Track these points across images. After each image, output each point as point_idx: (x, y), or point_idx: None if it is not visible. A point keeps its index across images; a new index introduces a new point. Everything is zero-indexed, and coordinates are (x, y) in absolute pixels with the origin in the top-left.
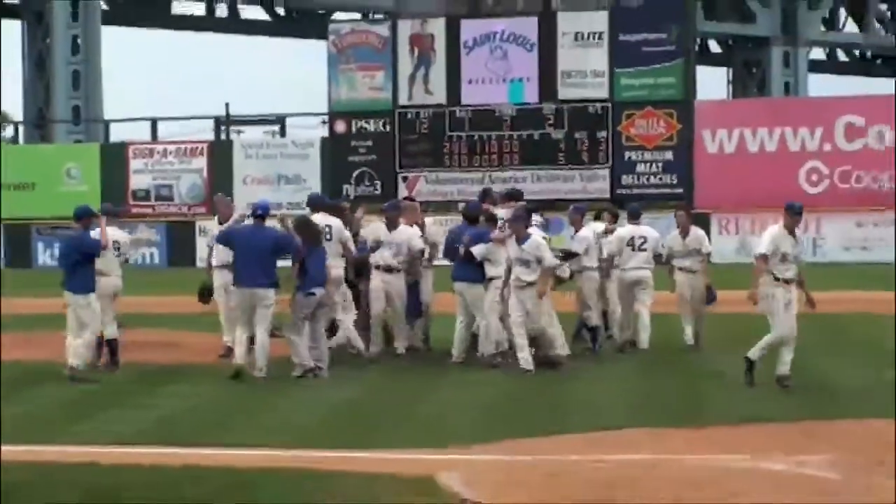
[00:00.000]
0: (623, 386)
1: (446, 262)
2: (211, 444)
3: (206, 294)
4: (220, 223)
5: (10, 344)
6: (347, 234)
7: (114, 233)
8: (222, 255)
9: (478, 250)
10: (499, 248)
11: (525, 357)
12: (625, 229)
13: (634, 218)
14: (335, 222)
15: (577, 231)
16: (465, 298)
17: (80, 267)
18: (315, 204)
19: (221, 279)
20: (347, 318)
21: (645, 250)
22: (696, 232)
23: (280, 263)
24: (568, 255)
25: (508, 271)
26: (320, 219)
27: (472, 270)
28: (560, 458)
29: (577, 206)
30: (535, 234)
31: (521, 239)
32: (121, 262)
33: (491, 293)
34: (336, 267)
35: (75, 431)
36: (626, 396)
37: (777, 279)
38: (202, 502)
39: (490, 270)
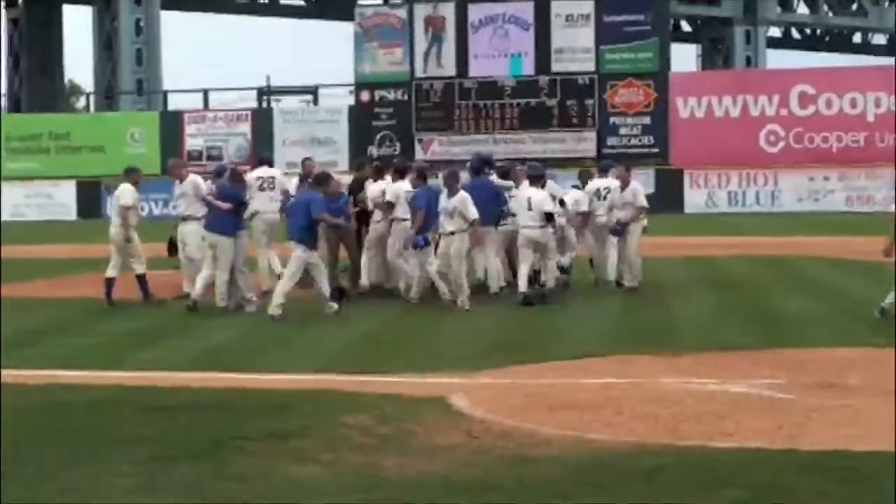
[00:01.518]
0: (606, 319)
1: None
2: (250, 368)
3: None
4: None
5: (82, 283)
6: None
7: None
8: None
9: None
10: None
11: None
12: (594, 182)
13: (604, 172)
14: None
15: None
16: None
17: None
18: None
19: (265, 225)
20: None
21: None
22: (634, 186)
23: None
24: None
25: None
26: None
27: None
28: (552, 381)
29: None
30: (550, 186)
31: (451, 194)
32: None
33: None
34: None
35: (139, 358)
36: (609, 328)
37: None
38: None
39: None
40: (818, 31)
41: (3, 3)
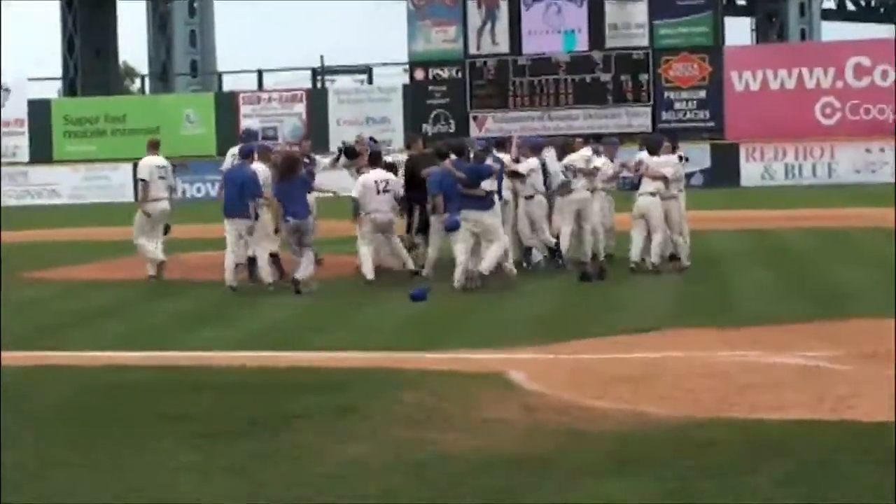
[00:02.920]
0: (662, 293)
1: None
2: (306, 347)
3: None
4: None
5: (140, 265)
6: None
7: None
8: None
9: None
10: None
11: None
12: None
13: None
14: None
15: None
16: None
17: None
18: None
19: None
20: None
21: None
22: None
23: None
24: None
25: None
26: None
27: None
28: (607, 356)
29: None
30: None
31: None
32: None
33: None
34: None
35: (196, 339)
36: (665, 302)
37: None
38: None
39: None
40: (873, 2)
41: None
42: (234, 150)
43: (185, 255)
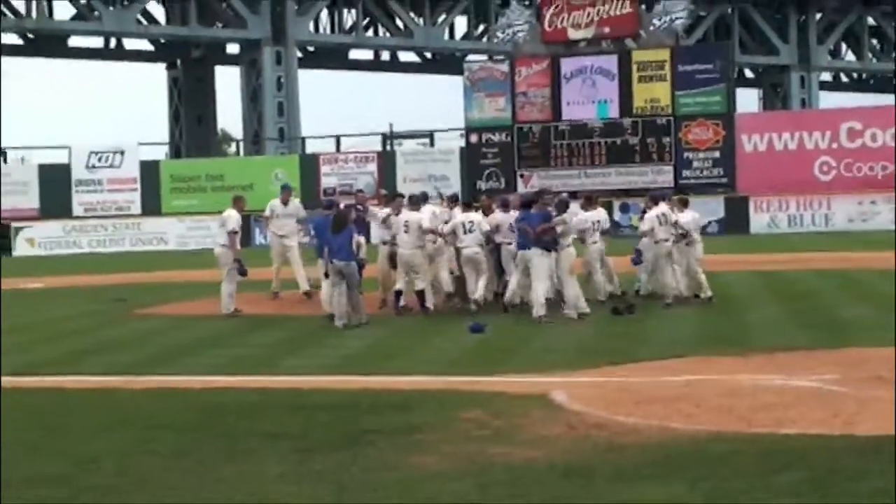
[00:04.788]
0: (685, 325)
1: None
2: (380, 372)
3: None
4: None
5: (238, 301)
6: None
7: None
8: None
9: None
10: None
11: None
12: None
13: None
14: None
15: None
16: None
17: None
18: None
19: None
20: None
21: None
22: (601, 213)
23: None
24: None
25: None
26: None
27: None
28: (638, 379)
29: (651, 195)
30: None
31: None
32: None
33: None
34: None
35: (287, 365)
36: (688, 333)
37: None
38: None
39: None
40: (863, 75)
41: (165, 65)
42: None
43: (258, 293)
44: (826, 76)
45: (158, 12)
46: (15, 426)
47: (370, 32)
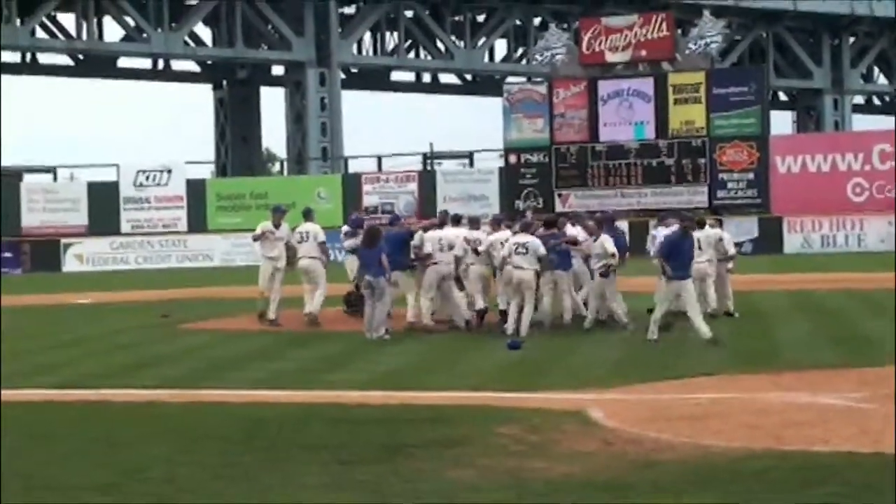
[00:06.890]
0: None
1: None
2: (419, 387)
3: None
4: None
5: (281, 318)
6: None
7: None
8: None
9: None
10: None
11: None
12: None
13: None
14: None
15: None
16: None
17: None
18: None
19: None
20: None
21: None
22: (602, 237)
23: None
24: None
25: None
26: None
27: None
28: (671, 396)
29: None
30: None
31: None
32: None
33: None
34: None
35: (328, 380)
36: (718, 351)
37: None
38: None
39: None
40: (895, 98)
41: (211, 86)
42: (345, 227)
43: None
44: (859, 99)
45: (205, 34)
46: (62, 436)
47: (412, 55)
